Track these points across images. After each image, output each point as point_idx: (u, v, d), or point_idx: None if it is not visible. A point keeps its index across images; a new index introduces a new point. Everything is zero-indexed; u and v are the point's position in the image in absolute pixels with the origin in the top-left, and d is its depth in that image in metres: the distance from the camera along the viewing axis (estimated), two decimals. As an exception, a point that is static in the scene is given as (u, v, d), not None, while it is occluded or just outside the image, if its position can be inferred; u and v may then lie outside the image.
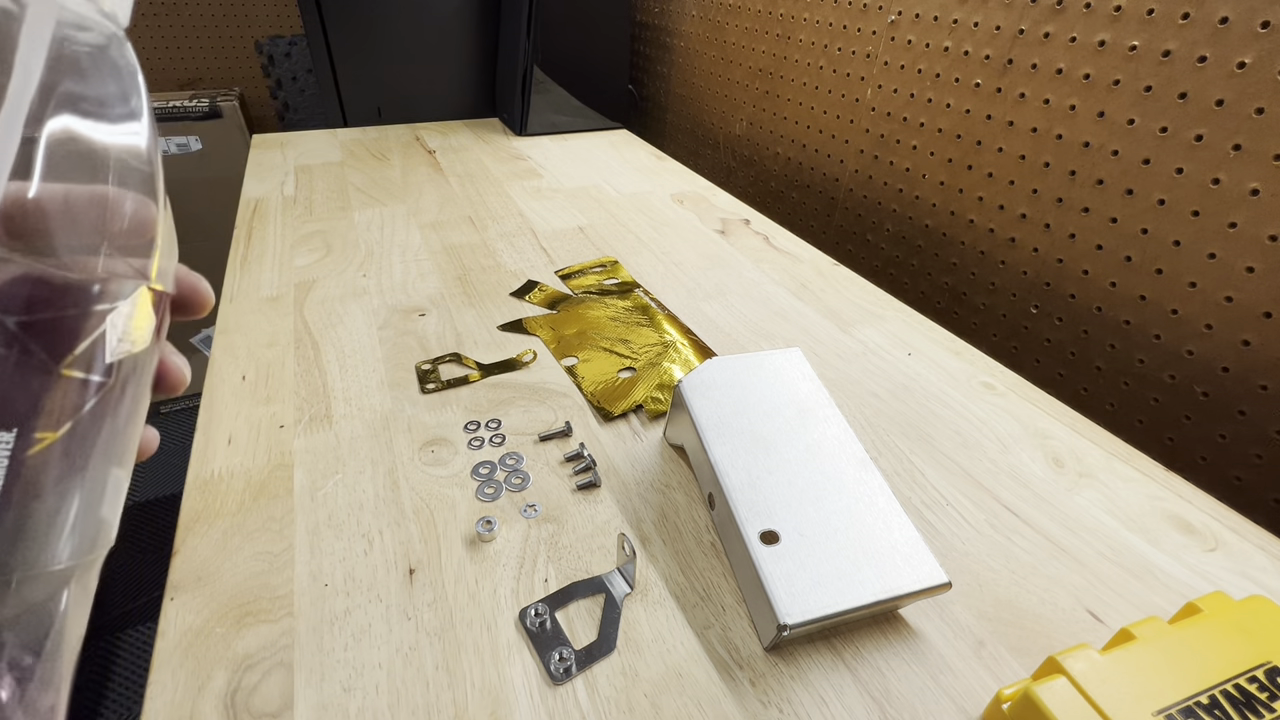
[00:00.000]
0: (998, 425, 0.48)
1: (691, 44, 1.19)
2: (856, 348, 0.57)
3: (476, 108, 1.24)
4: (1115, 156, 0.57)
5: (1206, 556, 0.39)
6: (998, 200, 0.69)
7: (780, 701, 0.31)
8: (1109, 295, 0.60)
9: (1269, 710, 0.25)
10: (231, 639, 0.32)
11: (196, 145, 1.54)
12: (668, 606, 0.35)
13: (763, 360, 0.45)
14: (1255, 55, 0.47)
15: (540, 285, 0.65)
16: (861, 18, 0.81)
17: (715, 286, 0.66)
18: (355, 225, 0.76)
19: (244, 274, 0.65)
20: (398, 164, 0.97)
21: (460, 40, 1.17)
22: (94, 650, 1.05)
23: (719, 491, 0.37)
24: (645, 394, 0.50)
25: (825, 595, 0.31)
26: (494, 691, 0.30)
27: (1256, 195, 0.49)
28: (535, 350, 0.55)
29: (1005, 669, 0.32)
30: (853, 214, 0.90)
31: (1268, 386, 0.51)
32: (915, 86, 0.76)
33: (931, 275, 0.80)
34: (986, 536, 0.39)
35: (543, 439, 0.45)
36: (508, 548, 0.37)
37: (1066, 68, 0.60)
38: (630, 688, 0.31)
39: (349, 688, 0.30)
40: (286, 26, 1.70)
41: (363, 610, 0.34)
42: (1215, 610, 0.29)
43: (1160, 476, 0.44)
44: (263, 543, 0.37)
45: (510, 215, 0.81)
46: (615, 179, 0.94)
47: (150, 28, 1.59)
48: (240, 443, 0.44)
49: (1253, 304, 0.51)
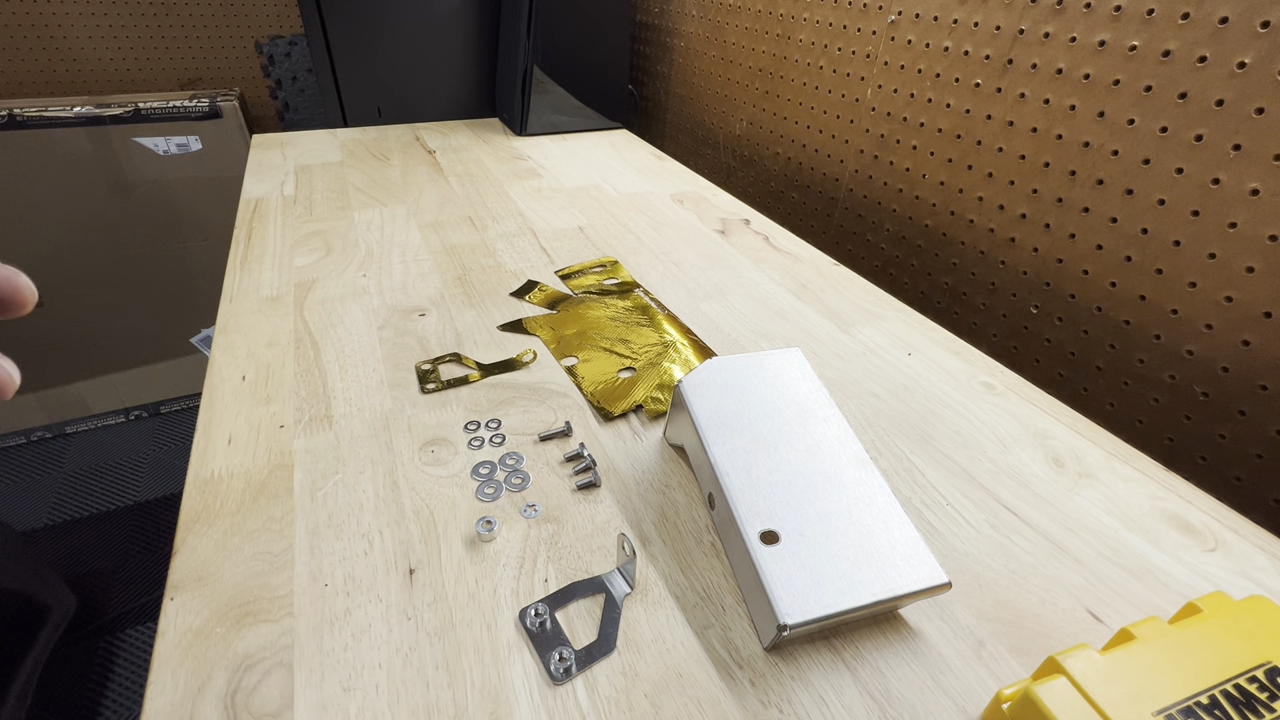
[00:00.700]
0: (998, 425, 0.48)
1: (691, 44, 1.19)
2: (856, 348, 0.57)
3: (476, 108, 1.24)
4: (1115, 156, 0.57)
5: (1206, 556, 0.39)
6: (998, 200, 0.69)
7: (780, 701, 0.31)
8: (1109, 295, 0.60)
9: (1269, 710, 0.25)
10: (231, 639, 0.32)
11: (196, 145, 1.54)
12: (668, 606, 0.35)
13: (763, 360, 0.45)
14: (1255, 55, 0.47)
15: (540, 285, 0.65)
16: (861, 18, 0.81)
17: (715, 286, 0.66)
18: (355, 225, 0.76)
19: (244, 274, 0.65)
20: (398, 164, 0.97)
21: (460, 40, 1.17)
22: (94, 650, 1.05)
23: (719, 491, 0.37)
24: (645, 394, 0.50)
25: (825, 595, 0.31)
26: (494, 691, 0.31)
27: (1256, 195, 0.49)
28: (535, 350, 0.55)
29: (1005, 669, 0.32)
30: (853, 214, 0.90)
31: (1268, 386, 0.51)
32: (915, 86, 0.76)
33: (931, 275, 0.80)
34: (986, 536, 0.39)
35: (543, 439, 0.45)
36: (508, 548, 0.37)
37: (1066, 68, 0.60)
38: (630, 688, 0.31)
39: (349, 688, 0.30)
40: (286, 26, 1.70)
41: (363, 610, 0.34)
42: (1215, 610, 0.29)
43: (1160, 476, 0.44)
44: (263, 543, 0.37)
45: (510, 215, 0.81)
46: (615, 179, 0.94)
47: (150, 28, 1.59)
48: (240, 443, 0.44)
49: (1253, 304, 0.51)
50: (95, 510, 1.30)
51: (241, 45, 1.68)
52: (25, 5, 1.47)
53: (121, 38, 1.57)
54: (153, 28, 1.59)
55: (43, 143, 1.43)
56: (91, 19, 1.53)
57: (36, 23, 1.50)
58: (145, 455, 1.48)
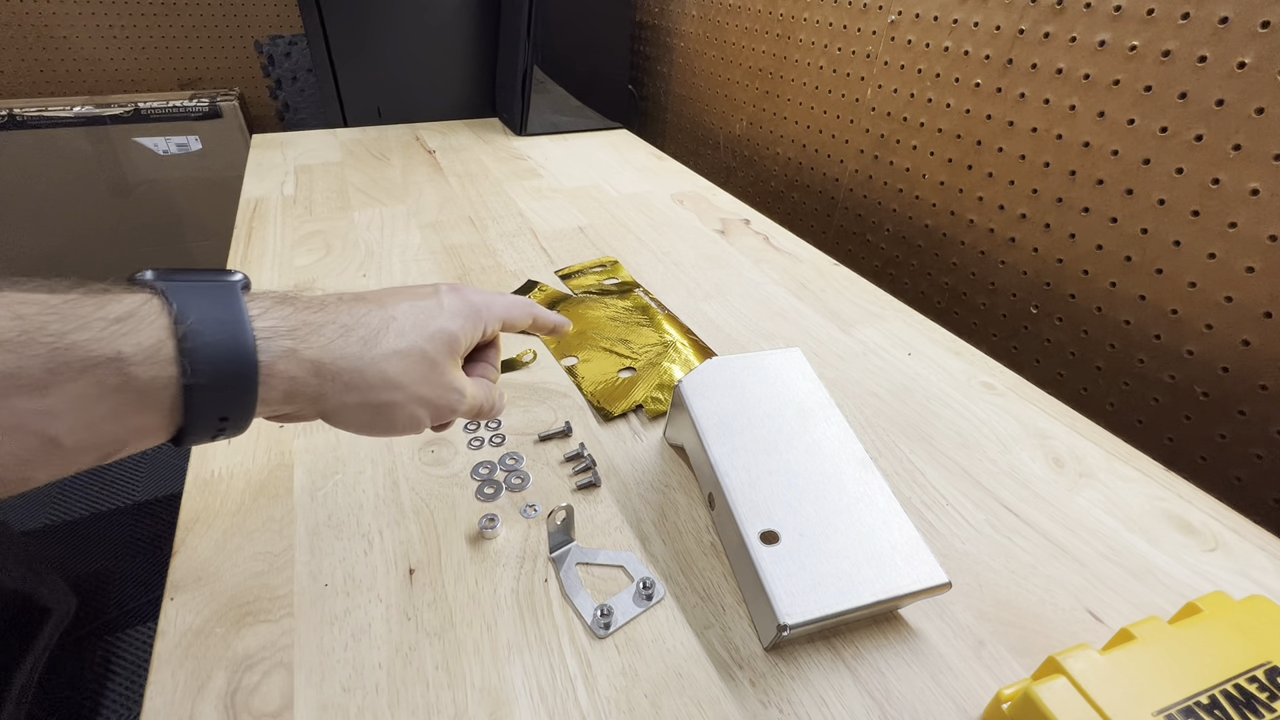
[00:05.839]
0: (998, 425, 0.48)
1: (691, 44, 1.19)
2: (856, 348, 0.57)
3: (476, 108, 1.24)
4: (1115, 156, 0.57)
5: (1206, 556, 0.39)
6: (998, 200, 0.69)
7: (780, 701, 0.31)
8: (1109, 295, 0.60)
9: (1269, 710, 0.25)
10: (231, 639, 0.32)
11: (196, 145, 1.54)
12: (668, 606, 0.35)
13: (763, 360, 0.45)
14: (1255, 55, 0.47)
15: (540, 285, 0.65)
16: (861, 18, 0.81)
17: (715, 286, 0.66)
18: (355, 225, 0.76)
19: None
20: (398, 164, 0.97)
21: (460, 40, 1.17)
22: (94, 650, 1.05)
23: (719, 491, 0.37)
24: (645, 394, 0.50)
25: (825, 595, 0.31)
26: (494, 691, 0.30)
27: (1256, 195, 0.49)
28: (535, 350, 0.55)
29: (1005, 669, 0.32)
30: (853, 214, 0.90)
31: (1268, 386, 0.51)
32: (915, 86, 0.76)
33: (931, 275, 0.80)
34: (986, 536, 0.39)
35: (543, 439, 0.45)
36: (508, 547, 0.37)
37: (1066, 68, 0.60)
38: (630, 688, 0.31)
39: (349, 688, 0.30)
40: (286, 26, 1.70)
41: (363, 610, 0.34)
42: (1215, 610, 0.29)
43: (1160, 476, 0.44)
44: (262, 543, 0.37)
45: (510, 215, 0.81)
46: (615, 179, 0.94)
47: (150, 28, 1.59)
48: (240, 442, 0.44)
49: (1253, 304, 0.51)
50: (95, 510, 1.30)
51: (241, 45, 1.68)
52: (25, 5, 1.47)
53: (121, 38, 1.57)
54: (153, 28, 1.59)
55: (43, 143, 1.43)
56: (91, 19, 1.53)
57: (36, 23, 1.50)
58: (145, 455, 1.48)
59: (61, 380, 0.20)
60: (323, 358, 0.26)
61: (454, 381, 0.31)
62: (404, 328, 0.29)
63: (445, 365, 0.30)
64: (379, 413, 0.29)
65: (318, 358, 0.26)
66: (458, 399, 0.31)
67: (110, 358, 0.21)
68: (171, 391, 0.22)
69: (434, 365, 0.30)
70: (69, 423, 0.21)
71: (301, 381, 0.26)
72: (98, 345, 0.21)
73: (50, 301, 0.21)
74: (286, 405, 0.26)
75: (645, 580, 0.35)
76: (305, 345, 0.26)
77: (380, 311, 0.29)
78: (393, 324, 0.29)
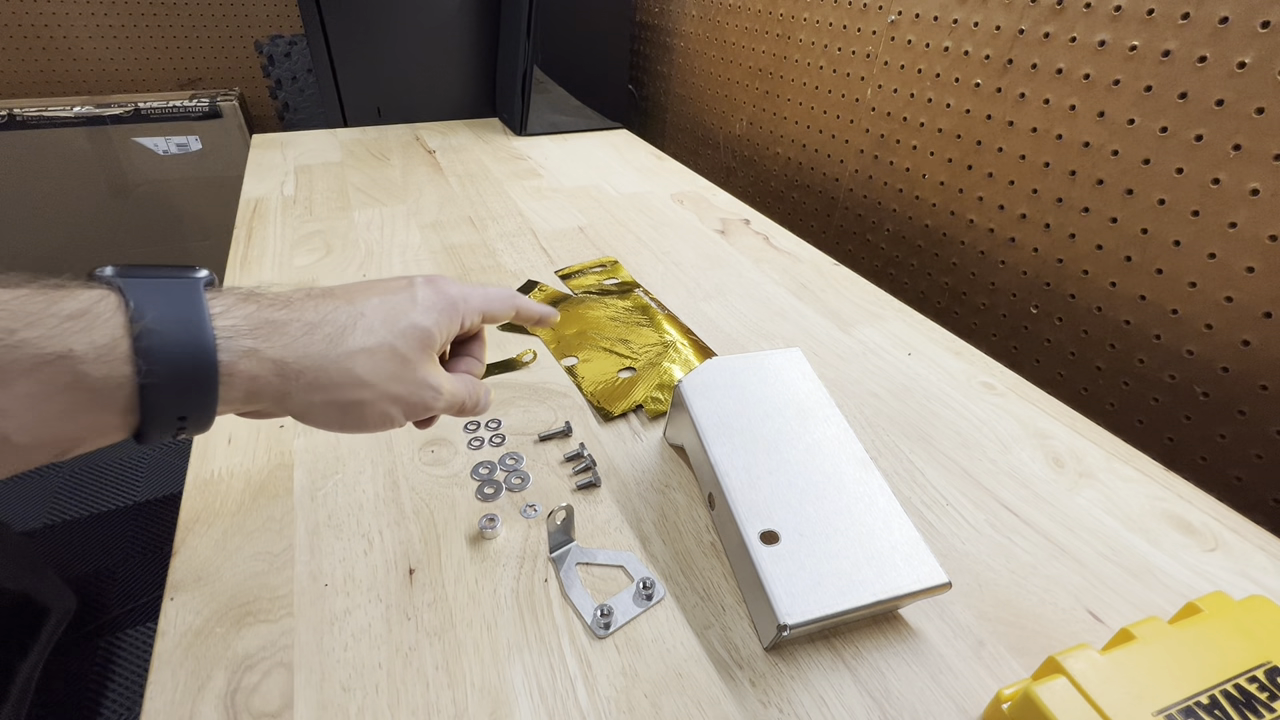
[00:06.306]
0: (998, 425, 0.48)
1: (691, 44, 1.19)
2: (856, 348, 0.57)
3: (476, 108, 1.24)
4: (1115, 156, 0.57)
5: (1206, 556, 0.39)
6: (998, 200, 0.69)
7: (780, 701, 0.31)
8: (1109, 295, 0.60)
9: (1269, 710, 0.25)
10: (231, 639, 0.32)
11: (196, 145, 1.54)
12: (668, 606, 0.35)
13: (763, 360, 0.45)
14: (1255, 55, 0.47)
15: (540, 285, 0.65)
16: (861, 18, 0.81)
17: (715, 286, 0.66)
18: (355, 225, 0.76)
19: (244, 274, 0.65)
20: (398, 164, 0.97)
21: (460, 40, 1.17)
22: (94, 650, 1.05)
23: (719, 491, 0.37)
24: (645, 394, 0.50)
25: (825, 595, 0.31)
26: (494, 691, 0.30)
27: (1256, 195, 0.49)
28: (535, 350, 0.55)
29: (1005, 669, 0.32)
30: (853, 214, 0.90)
31: (1268, 386, 0.51)
32: (915, 86, 0.76)
33: (931, 275, 0.80)
34: (986, 536, 0.39)
35: (543, 439, 0.45)
36: (508, 548, 0.37)
37: (1066, 68, 0.60)
38: (630, 688, 0.31)
39: (349, 688, 0.30)
40: (286, 26, 1.70)
41: (363, 610, 0.34)
42: (1215, 610, 0.29)
43: (1160, 476, 0.44)
44: (262, 543, 0.37)
45: (510, 215, 0.81)
46: (615, 179, 0.94)
47: (150, 28, 1.59)
48: (240, 442, 0.44)
49: (1253, 304, 0.51)
50: (95, 510, 1.30)
51: (241, 45, 1.68)
52: (25, 5, 1.47)
53: (121, 38, 1.57)
54: (153, 28, 1.59)
55: (43, 143, 1.43)
56: (91, 19, 1.53)
57: (36, 23, 1.50)
58: (145, 455, 1.47)
59: (9, 378, 0.20)
60: (285, 357, 0.26)
61: (428, 378, 0.30)
62: (373, 324, 0.29)
63: (418, 361, 0.30)
64: (347, 411, 0.28)
65: (280, 356, 0.25)
66: (433, 396, 0.31)
67: (60, 355, 0.20)
68: (127, 390, 0.22)
69: (405, 362, 0.29)
70: (19, 421, 0.20)
71: (264, 381, 0.25)
72: (47, 342, 0.20)
73: (1, 298, 0.20)
74: (250, 404, 0.26)
75: (645, 580, 0.35)
76: (267, 344, 0.25)
77: (348, 308, 0.28)
78: (361, 320, 0.28)
